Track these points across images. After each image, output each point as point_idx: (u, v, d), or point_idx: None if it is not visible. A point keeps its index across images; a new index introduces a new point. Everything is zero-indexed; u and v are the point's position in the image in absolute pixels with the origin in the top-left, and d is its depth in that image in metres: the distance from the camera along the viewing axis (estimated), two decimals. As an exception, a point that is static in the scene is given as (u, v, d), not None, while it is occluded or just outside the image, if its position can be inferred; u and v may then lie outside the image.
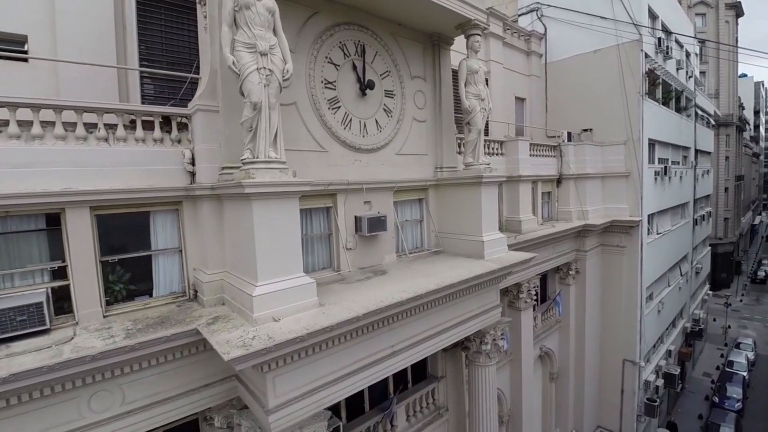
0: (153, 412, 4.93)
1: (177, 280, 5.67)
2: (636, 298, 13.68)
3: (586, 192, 13.09)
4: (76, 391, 4.45)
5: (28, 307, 4.40)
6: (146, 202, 5.26)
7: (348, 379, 5.43)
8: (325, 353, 5.16)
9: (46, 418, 4.31)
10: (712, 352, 24.73)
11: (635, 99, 13.25)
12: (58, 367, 3.94)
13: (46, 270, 4.79)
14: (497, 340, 7.96)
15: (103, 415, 4.63)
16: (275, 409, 4.70)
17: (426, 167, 8.11)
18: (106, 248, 5.10)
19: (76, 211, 4.79)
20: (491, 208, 7.82)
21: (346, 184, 6.64)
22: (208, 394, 5.37)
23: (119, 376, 4.67)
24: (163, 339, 4.54)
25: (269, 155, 4.75)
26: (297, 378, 4.93)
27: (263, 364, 4.41)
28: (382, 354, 5.88)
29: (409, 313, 6.08)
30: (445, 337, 6.90)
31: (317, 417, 5.10)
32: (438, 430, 8.75)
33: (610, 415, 14.49)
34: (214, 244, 5.47)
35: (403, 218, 8.06)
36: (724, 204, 33.26)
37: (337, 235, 6.77)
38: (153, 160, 5.29)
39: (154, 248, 5.44)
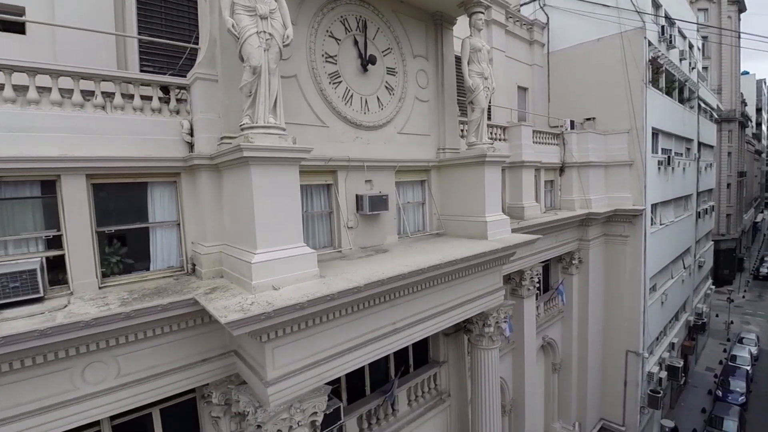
0: (149, 386, 4.82)
1: (175, 254, 5.55)
2: (639, 288, 13.54)
3: (589, 181, 12.96)
4: (69, 360, 4.34)
5: (21, 274, 4.29)
6: (144, 173, 5.15)
7: (349, 354, 5.32)
8: (325, 326, 5.05)
9: (38, 388, 4.20)
10: (715, 347, 24.57)
11: (639, 87, 13.12)
12: (50, 332, 3.82)
13: (41, 239, 4.68)
14: (500, 322, 7.84)
15: (98, 387, 4.51)
16: (274, 381, 4.59)
17: (428, 148, 7.99)
18: (102, 219, 4.99)
19: (71, 179, 4.68)
20: (494, 188, 7.70)
21: (347, 161, 6.53)
22: (206, 369, 5.25)
23: (114, 347, 4.56)
24: (160, 308, 4.43)
25: (268, 121, 4.64)
26: (297, 350, 4.82)
27: (262, 332, 4.30)
28: (383, 330, 5.77)
29: (411, 289, 5.97)
30: (447, 317, 6.79)
31: (317, 391, 4.99)
32: (440, 416, 8.63)
33: (614, 407, 14.35)
34: (212, 216, 5.36)
35: (405, 200, 7.95)
36: (727, 200, 33.09)
37: (338, 213, 6.66)
38: (151, 130, 5.18)
39: (152, 221, 5.33)
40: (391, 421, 7.69)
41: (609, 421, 14.48)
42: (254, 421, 4.76)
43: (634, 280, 13.58)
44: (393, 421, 7.71)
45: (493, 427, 8.23)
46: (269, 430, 4.58)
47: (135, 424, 5.47)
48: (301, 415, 4.78)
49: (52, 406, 4.25)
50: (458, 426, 8.96)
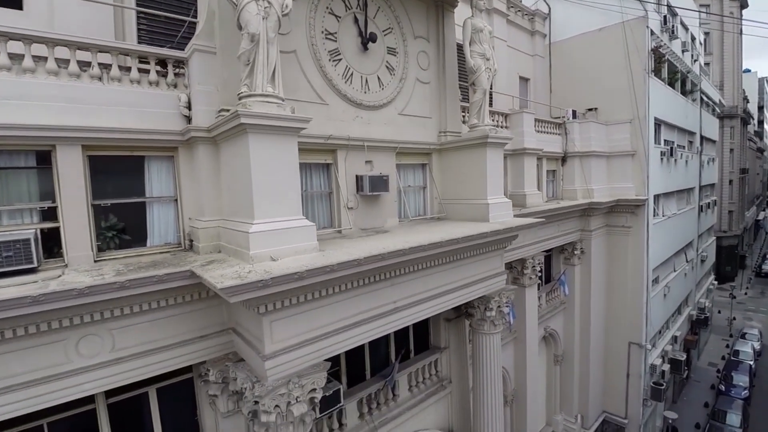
0: (145, 361, 4.74)
1: (172, 230, 5.47)
2: (642, 279, 13.43)
3: (592, 170, 12.85)
4: (63, 332, 4.25)
5: (15, 243, 4.19)
6: (140, 146, 5.06)
7: (349, 331, 5.24)
8: (325, 301, 4.97)
9: (32, 360, 4.12)
10: (718, 342, 24.42)
11: (641, 76, 13.02)
12: (43, 299, 3.73)
13: (36, 210, 4.59)
14: (502, 307, 7.74)
15: (92, 360, 4.43)
16: (272, 355, 4.51)
17: (429, 131, 7.90)
18: (98, 192, 4.90)
19: (67, 150, 4.58)
20: (496, 171, 7.61)
21: (347, 140, 6.44)
22: (203, 346, 5.17)
23: (109, 320, 4.48)
24: (155, 278, 4.34)
25: (266, 90, 4.56)
26: (295, 325, 4.73)
27: (259, 302, 4.22)
28: (384, 309, 5.68)
29: (412, 267, 5.88)
30: (448, 299, 6.70)
31: (316, 367, 4.90)
32: (441, 402, 8.53)
33: (616, 400, 14.23)
34: (210, 190, 5.27)
35: (405, 183, 7.86)
36: (729, 197, 32.92)
37: (338, 194, 6.57)
38: (148, 102, 5.09)
39: (149, 195, 5.24)
40: (391, 406, 7.60)
41: (611, 414, 14.36)
42: (252, 397, 4.65)
43: (637, 271, 13.46)
44: (393, 407, 7.62)
45: (495, 414, 8.13)
46: (267, 405, 4.48)
47: (131, 403, 5.40)
48: (299, 390, 4.68)
49: (45, 378, 4.18)
50: (459, 413, 8.87)
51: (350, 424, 6.98)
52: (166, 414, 5.63)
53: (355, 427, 7.01)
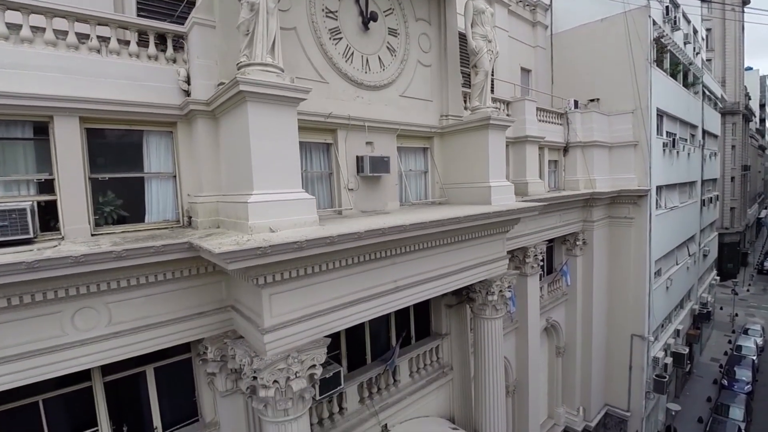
0: (142, 336, 4.67)
1: (171, 206, 5.40)
2: (644, 271, 13.33)
3: (594, 161, 12.77)
4: (59, 303, 4.19)
5: (11, 213, 4.12)
6: (139, 119, 4.99)
7: (349, 308, 5.17)
8: (325, 276, 4.90)
9: (26, 331, 4.05)
10: (720, 338, 24.29)
11: (643, 66, 12.94)
12: (37, 265, 3.66)
13: (33, 182, 4.54)
14: (504, 291, 7.66)
15: (88, 333, 4.36)
16: (271, 329, 4.44)
17: (431, 114, 7.83)
18: (96, 166, 4.85)
19: (65, 121, 4.52)
20: (499, 154, 7.54)
21: (347, 119, 6.37)
22: (201, 323, 5.10)
23: (105, 293, 4.41)
24: (153, 249, 4.27)
25: (266, 60, 4.49)
26: (295, 299, 4.67)
27: (258, 272, 4.15)
28: (384, 287, 5.61)
29: (413, 246, 5.81)
30: (450, 281, 6.63)
31: (316, 343, 4.82)
32: (442, 390, 8.45)
33: (618, 393, 14.12)
34: (209, 166, 5.21)
35: (407, 167, 7.79)
36: (731, 193, 32.79)
37: (338, 174, 6.49)
38: (147, 76, 5.02)
39: (147, 171, 5.18)
40: (392, 392, 7.52)
41: (613, 407, 14.26)
42: (250, 372, 4.58)
43: (639, 262, 13.37)
44: (394, 392, 7.54)
45: (497, 402, 8.05)
46: (266, 380, 4.40)
47: (128, 382, 5.33)
48: (298, 366, 4.60)
49: (40, 351, 4.11)
50: (461, 402, 8.78)
51: (350, 408, 6.90)
52: (163, 394, 5.57)
53: (355, 412, 6.93)
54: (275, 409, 4.60)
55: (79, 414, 5.02)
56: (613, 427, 14.34)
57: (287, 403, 4.58)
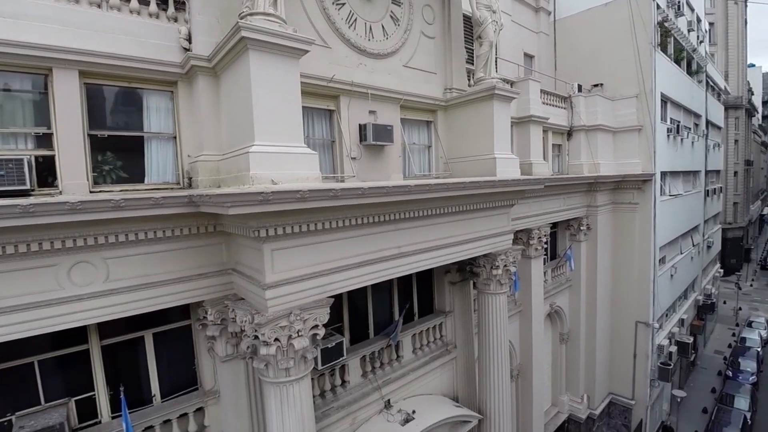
0: (140, 295, 4.57)
1: (171, 168, 5.28)
2: (649, 257, 13.19)
3: (598, 145, 12.65)
4: (55, 256, 4.09)
5: (8, 162, 4.03)
6: (139, 76, 4.87)
7: (353, 270, 5.08)
8: (328, 236, 4.81)
9: (20, 283, 3.96)
10: (724, 331, 24.11)
11: (647, 50, 12.83)
12: (33, 209, 3.56)
13: (30, 136, 4.43)
14: (509, 265, 7.55)
15: (85, 289, 4.27)
16: (273, 285, 4.34)
17: (434, 86, 7.72)
18: (95, 122, 4.74)
19: (64, 74, 4.40)
20: (504, 126, 7.43)
21: (350, 85, 6.26)
22: (201, 285, 5.01)
23: (103, 247, 4.31)
24: (152, 201, 4.17)
25: (268, 10, 4.38)
26: (297, 257, 4.57)
27: (260, 224, 4.06)
28: (388, 252, 5.52)
29: (417, 213, 5.72)
30: (454, 252, 6.53)
31: (319, 303, 4.71)
32: (446, 368, 8.32)
33: (623, 381, 13.97)
34: (210, 125, 5.09)
35: (410, 141, 7.67)
36: (734, 188, 32.64)
37: (341, 142, 6.38)
38: (148, 33, 4.90)
39: (147, 130, 5.07)
40: (395, 367, 7.40)
41: (618, 396, 14.10)
42: (251, 331, 4.48)
43: (644, 248, 13.23)
44: (397, 367, 7.42)
45: (501, 380, 7.94)
46: (267, 336, 4.30)
47: (126, 347, 5.23)
48: (301, 324, 4.50)
49: (35, 304, 4.02)
50: (465, 382, 8.65)
51: (353, 381, 6.79)
52: (162, 361, 5.46)
53: (357, 385, 6.82)
54: (276, 368, 4.50)
55: (75, 378, 4.91)
56: (617, 416, 14.18)
57: (289, 362, 4.47)
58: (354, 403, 6.59)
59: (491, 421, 7.98)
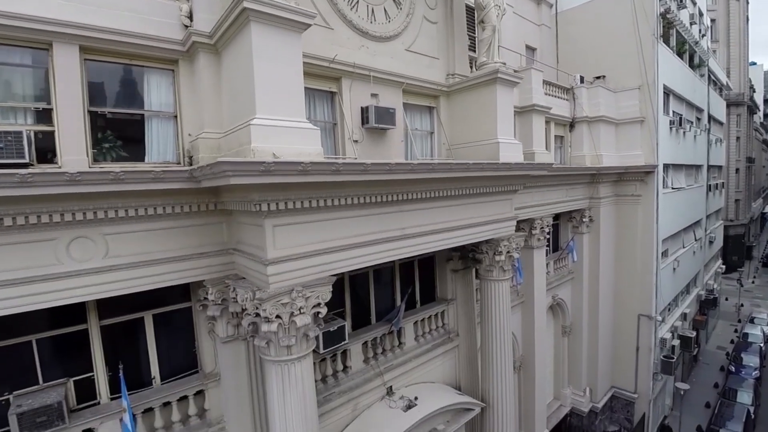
0: (140, 272, 4.52)
1: (171, 147, 5.22)
2: (652, 249, 13.11)
3: (600, 137, 12.59)
4: (54, 230, 4.04)
5: (7, 135, 3.96)
6: (140, 53, 4.80)
7: (355, 250, 5.02)
8: (331, 214, 4.76)
9: (19, 256, 3.91)
10: (726, 328, 24.01)
11: (649, 41, 12.76)
12: (31, 179, 3.51)
13: (30, 111, 4.37)
14: (512, 252, 7.49)
15: (84, 264, 4.21)
16: (274, 261, 4.28)
17: (437, 72, 7.67)
18: (95, 98, 4.69)
19: (64, 49, 4.35)
20: (507, 110, 7.37)
21: (352, 67, 6.21)
22: (202, 264, 4.95)
23: (103, 222, 4.26)
24: (152, 175, 4.12)
25: (270, -17, 4.32)
26: (300, 234, 4.52)
27: (261, 197, 4.01)
28: (391, 234, 5.47)
29: (421, 194, 5.67)
30: (457, 236, 6.48)
31: (322, 281, 4.65)
32: (448, 356, 8.26)
33: (625, 374, 13.89)
34: (211, 103, 5.04)
35: (413, 126, 7.61)
36: (735, 185, 32.54)
37: (342, 124, 6.33)
38: (150, 10, 4.82)
39: (147, 108, 5.01)
40: (397, 353, 7.34)
41: (620, 389, 14.02)
42: (252, 308, 4.42)
43: (647, 240, 13.15)
44: (399, 354, 7.36)
45: (505, 369, 7.87)
46: (268, 312, 4.24)
47: (125, 328, 5.17)
48: (303, 301, 4.44)
49: (33, 278, 3.97)
50: (467, 371, 8.59)
51: (355, 367, 6.72)
52: (162, 343, 5.40)
53: (359, 371, 6.75)
54: (278, 346, 4.44)
55: (74, 358, 4.86)
56: (620, 410, 14.10)
57: (290, 339, 4.41)
58: (356, 389, 6.53)
59: (494, 409, 7.92)
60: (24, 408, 4.27)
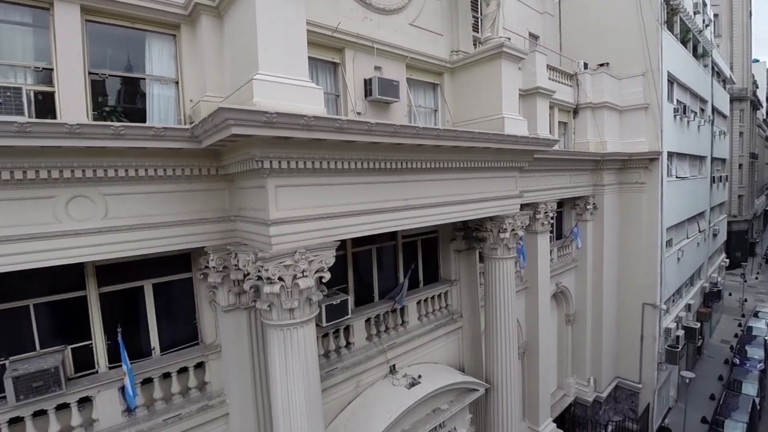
0: (139, 235, 4.43)
1: (172, 114, 5.15)
2: (656, 237, 12.99)
3: (604, 123, 12.49)
4: (52, 187, 3.97)
5: (5, 90, 3.89)
6: (142, 17, 4.74)
7: (358, 217, 4.94)
8: (334, 179, 4.68)
9: (17, 212, 3.84)
10: (730, 322, 23.85)
11: (654, 27, 12.66)
12: (29, 129, 3.43)
13: (30, 70, 4.32)
14: (516, 230, 7.39)
15: (83, 224, 4.13)
16: (277, 221, 4.20)
17: (441, 48, 7.58)
18: (96, 61, 4.63)
19: (65, 8, 4.30)
20: (512, 86, 7.29)
21: (356, 37, 6.13)
22: (203, 230, 4.87)
23: (102, 182, 4.19)
24: (152, 132, 4.04)
25: (273, -60, 4.25)
26: (302, 197, 4.44)
27: (263, 153, 3.93)
28: (394, 204, 5.39)
29: (425, 164, 5.57)
30: (461, 209, 6.40)
31: (324, 245, 4.56)
32: (451, 336, 8.17)
33: (629, 364, 13.75)
34: (213, 67, 4.97)
35: (416, 103, 7.53)
36: (739, 181, 32.37)
37: (345, 96, 6.25)
38: (149, -27, 4.79)
39: (149, 73, 4.94)
40: (400, 332, 7.25)
41: (624, 379, 13.89)
42: (255, 271, 4.33)
43: (651, 228, 13.03)
44: (402, 332, 7.27)
45: (509, 350, 7.77)
46: (270, 273, 4.15)
47: (124, 296, 5.09)
48: (306, 264, 4.35)
49: (31, 235, 3.89)
50: (471, 353, 8.49)
51: (357, 343, 6.63)
52: (162, 313, 5.33)
53: (362, 347, 6.66)
54: (280, 309, 4.35)
55: (72, 326, 4.78)
56: (624, 400, 13.97)
57: (293, 302, 4.32)
58: (358, 365, 6.44)
59: (499, 391, 7.81)
60: (20, 372, 4.19)
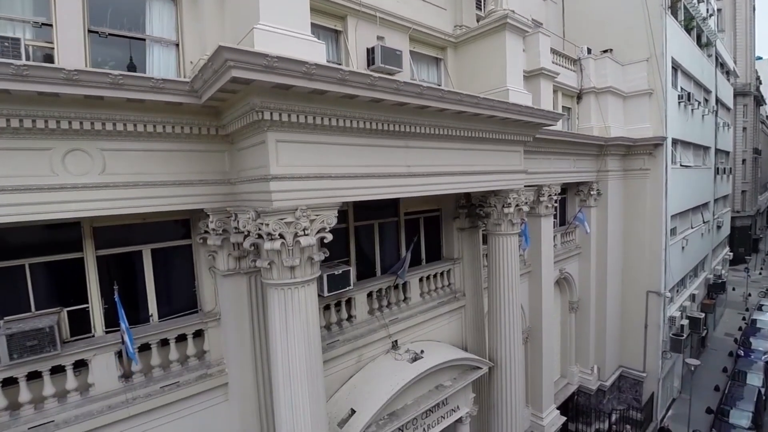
0: (137, 193, 4.34)
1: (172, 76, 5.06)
2: (660, 225, 12.87)
3: (608, 108, 12.39)
4: (49, 138, 3.89)
5: (3, 40, 3.84)
6: (139, -26, 4.69)
7: (360, 180, 4.85)
8: (335, 138, 4.59)
9: (13, 163, 3.75)
10: (733, 316, 23.69)
11: (658, 13, 12.56)
12: (26, 72, 3.34)
13: (29, 25, 4.24)
14: (521, 205, 7.29)
15: (80, 179, 4.05)
16: (278, 177, 4.11)
17: (445, 21, 7.51)
18: (96, 19, 4.55)
19: None
20: (517, 59, 7.19)
21: (358, 4, 6.05)
22: (202, 191, 4.78)
23: (100, 136, 4.10)
24: (151, 83, 3.94)
25: None
26: (304, 154, 4.35)
27: (263, 103, 3.83)
28: (397, 169, 5.29)
29: (428, 129, 5.47)
30: (464, 180, 6.30)
31: (326, 205, 4.47)
32: (454, 315, 8.06)
33: (634, 353, 13.62)
34: (214, 27, 4.92)
35: (420, 78, 7.43)
36: (742, 176, 32.20)
37: (348, 64, 6.16)
38: (147, -71, 4.73)
39: (149, 34, 4.87)
40: (402, 308, 7.15)
41: (628, 368, 13.75)
42: (255, 228, 4.24)
43: (655, 215, 12.91)
44: (405, 308, 7.17)
45: (513, 328, 7.65)
46: (271, 228, 4.06)
47: (122, 261, 5.01)
48: (307, 222, 4.26)
49: (27, 187, 3.79)
50: (474, 333, 8.38)
51: (359, 317, 6.53)
52: (160, 279, 5.24)
53: (364, 321, 6.56)
54: (281, 268, 4.26)
55: (68, 288, 4.69)
56: (627, 390, 13.83)
57: (295, 260, 4.23)
58: (360, 338, 6.34)
59: (502, 370, 7.70)
60: (14, 330, 4.11)
